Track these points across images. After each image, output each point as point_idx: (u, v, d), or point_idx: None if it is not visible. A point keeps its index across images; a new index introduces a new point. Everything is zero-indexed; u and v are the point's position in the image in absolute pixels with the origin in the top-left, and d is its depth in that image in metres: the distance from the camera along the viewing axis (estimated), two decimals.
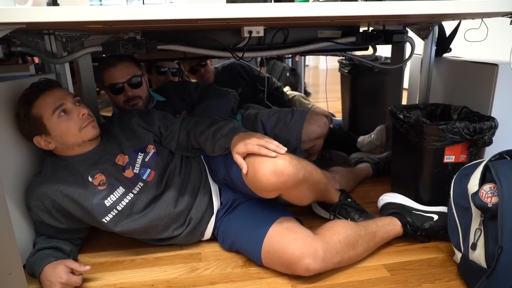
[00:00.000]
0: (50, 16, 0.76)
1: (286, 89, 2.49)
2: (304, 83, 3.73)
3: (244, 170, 0.99)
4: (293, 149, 1.49)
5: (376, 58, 2.04)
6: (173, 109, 1.51)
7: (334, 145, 1.86)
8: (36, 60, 1.71)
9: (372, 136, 1.87)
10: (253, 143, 0.98)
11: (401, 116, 1.28)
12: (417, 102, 1.63)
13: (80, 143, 1.06)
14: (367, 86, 2.02)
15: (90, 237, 1.24)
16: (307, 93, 3.79)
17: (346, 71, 2.06)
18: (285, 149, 0.98)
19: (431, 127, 1.15)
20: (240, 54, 1.32)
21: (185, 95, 1.51)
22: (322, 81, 5.51)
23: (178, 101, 1.52)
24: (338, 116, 2.50)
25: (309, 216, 1.34)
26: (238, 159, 1.00)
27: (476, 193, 0.91)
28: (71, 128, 1.03)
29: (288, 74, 3.32)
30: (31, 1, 0.86)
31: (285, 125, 1.48)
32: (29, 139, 1.06)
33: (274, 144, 0.98)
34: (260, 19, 0.92)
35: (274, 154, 0.95)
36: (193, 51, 1.29)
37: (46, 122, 1.02)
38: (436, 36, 1.48)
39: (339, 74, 2.21)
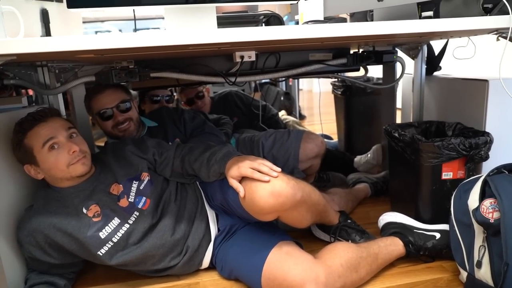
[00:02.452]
0: (40, 47, 0.76)
1: (282, 113, 2.50)
2: (299, 106, 3.77)
3: (241, 194, 0.97)
4: (291, 170, 1.48)
5: (368, 79, 2.06)
6: (165, 134, 1.50)
7: (330, 166, 1.85)
8: (31, 92, 1.71)
9: (369, 155, 1.87)
10: (246, 166, 0.97)
11: (396, 135, 1.28)
12: (411, 121, 1.63)
13: (69, 178, 1.04)
14: (360, 106, 2.04)
15: (83, 270, 1.19)
16: (302, 116, 3.82)
17: (339, 92, 2.08)
18: (279, 169, 0.97)
19: (426, 144, 1.15)
20: (233, 79, 1.32)
21: (179, 122, 1.50)
22: (316, 104, 5.56)
23: (171, 127, 1.51)
24: (334, 138, 2.50)
25: (309, 239, 1.30)
26: (234, 183, 0.99)
27: (477, 209, 0.90)
28: (59, 164, 1.00)
29: (282, 98, 3.35)
30: (22, 33, 0.87)
31: (282, 146, 1.48)
32: (22, 165, 1.04)
33: (267, 166, 0.97)
34: (250, 43, 0.92)
35: (267, 178, 0.94)
36: (186, 77, 1.30)
37: (36, 154, 1.01)
38: (426, 55, 1.50)
39: (332, 96, 2.23)
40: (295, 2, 1.17)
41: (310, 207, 1.06)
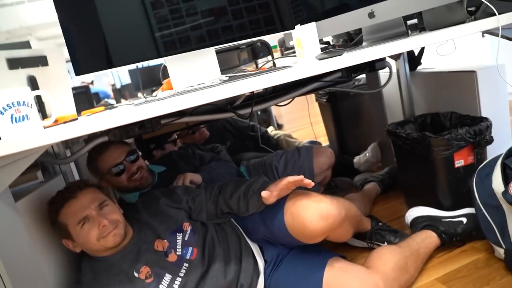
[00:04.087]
0: (78, 131, 0.76)
1: (270, 129, 2.55)
2: (274, 116, 3.84)
3: (266, 195, 1.02)
4: None
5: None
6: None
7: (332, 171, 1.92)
8: None
9: (367, 154, 1.96)
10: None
11: (403, 134, 1.36)
12: (401, 117, 1.74)
13: (104, 249, 1.03)
14: (347, 110, 2.13)
15: None
16: (279, 126, 3.89)
17: (325, 100, 2.16)
18: (312, 184, 1.02)
19: (437, 139, 1.24)
20: (241, 112, 1.36)
21: (194, 159, 1.51)
22: (284, 110, 5.69)
23: (184, 167, 1.51)
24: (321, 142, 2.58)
25: (343, 248, 1.35)
26: (264, 193, 1.02)
27: (506, 191, 0.99)
28: (91, 238, 1.00)
29: (259, 112, 3.41)
30: (54, 117, 0.85)
31: (295, 164, 1.52)
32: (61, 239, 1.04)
33: (295, 178, 1.02)
34: None
35: (301, 177, 1.00)
36: (197, 119, 1.31)
37: (71, 230, 1.01)
38: (406, 55, 1.62)
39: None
40: (290, 31, 1.23)
41: (351, 221, 1.12)
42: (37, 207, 1.03)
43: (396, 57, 1.60)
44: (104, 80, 5.66)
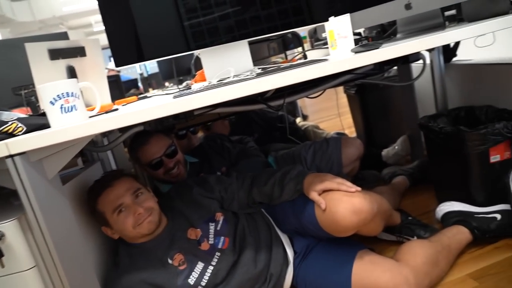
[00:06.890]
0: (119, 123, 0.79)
1: (298, 120, 2.55)
2: (299, 107, 3.82)
3: (323, 206, 1.02)
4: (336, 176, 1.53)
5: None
6: (210, 166, 1.53)
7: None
8: None
9: (396, 147, 1.93)
10: (331, 179, 1.03)
11: (435, 128, 1.34)
12: (434, 110, 1.70)
13: (140, 236, 1.07)
14: (376, 102, 2.10)
15: None
16: (304, 117, 3.88)
17: (353, 92, 2.14)
18: (359, 188, 1.02)
19: (472, 133, 1.21)
20: (272, 104, 1.37)
21: (223, 151, 1.54)
22: (307, 101, 5.67)
23: (216, 158, 1.55)
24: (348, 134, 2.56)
25: (371, 241, 1.35)
26: (315, 196, 1.03)
27: None
28: (127, 225, 1.04)
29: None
30: (98, 108, 0.89)
31: (323, 155, 1.53)
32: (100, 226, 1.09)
33: (347, 185, 1.02)
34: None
35: (353, 189, 1.00)
36: (229, 110, 1.33)
37: (108, 218, 1.06)
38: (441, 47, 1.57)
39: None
40: (322, 24, 1.22)
41: (383, 215, 1.12)
42: (79, 192, 1.08)
43: (430, 48, 1.56)
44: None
